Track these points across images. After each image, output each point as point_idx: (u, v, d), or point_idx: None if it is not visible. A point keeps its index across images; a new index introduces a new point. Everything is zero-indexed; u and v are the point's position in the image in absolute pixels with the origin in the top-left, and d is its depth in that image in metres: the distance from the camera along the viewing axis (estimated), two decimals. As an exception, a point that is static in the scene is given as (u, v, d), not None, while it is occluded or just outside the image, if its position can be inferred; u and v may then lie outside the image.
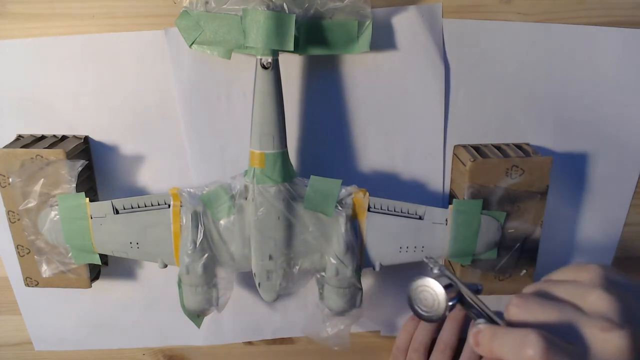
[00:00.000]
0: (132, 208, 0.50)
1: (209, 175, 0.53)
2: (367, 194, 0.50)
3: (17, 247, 0.52)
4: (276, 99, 0.45)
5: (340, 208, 0.49)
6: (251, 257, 0.50)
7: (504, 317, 0.36)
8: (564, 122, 0.53)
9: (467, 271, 0.53)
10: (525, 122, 0.53)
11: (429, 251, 0.51)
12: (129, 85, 0.51)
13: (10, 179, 0.49)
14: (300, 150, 0.53)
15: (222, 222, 0.49)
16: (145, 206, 0.50)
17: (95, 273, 0.56)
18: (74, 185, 0.49)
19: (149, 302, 0.60)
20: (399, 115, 0.52)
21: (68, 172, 0.49)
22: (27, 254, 0.53)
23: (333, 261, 0.49)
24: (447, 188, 0.55)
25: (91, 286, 0.54)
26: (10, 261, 0.57)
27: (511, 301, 0.35)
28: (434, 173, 0.55)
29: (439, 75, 0.51)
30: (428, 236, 0.50)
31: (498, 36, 0.50)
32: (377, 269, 0.51)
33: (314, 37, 0.47)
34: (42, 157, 0.49)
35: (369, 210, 0.50)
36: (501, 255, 0.52)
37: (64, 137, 0.52)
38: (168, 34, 0.49)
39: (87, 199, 0.49)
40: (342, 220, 0.49)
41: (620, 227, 0.58)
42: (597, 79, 0.52)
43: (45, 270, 0.53)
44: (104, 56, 0.50)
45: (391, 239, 0.50)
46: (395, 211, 0.50)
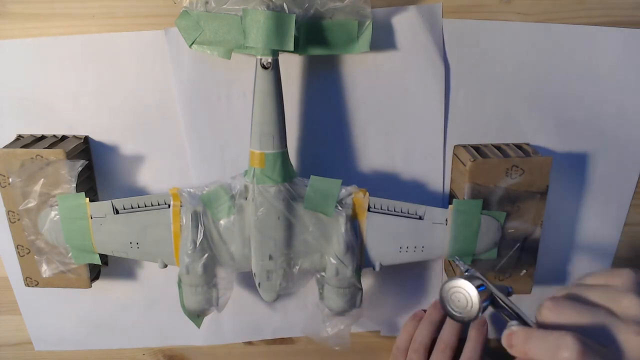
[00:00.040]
0: (132, 208, 0.50)
1: (209, 175, 0.53)
2: (367, 194, 0.49)
3: (17, 247, 0.53)
4: (276, 99, 0.45)
5: (340, 208, 0.49)
6: (251, 257, 0.50)
7: (536, 319, 0.36)
8: (564, 122, 0.53)
9: (467, 271, 0.53)
10: (525, 122, 0.53)
11: (429, 251, 0.51)
12: (129, 85, 0.51)
13: (10, 179, 0.49)
14: (300, 150, 0.53)
15: (222, 222, 0.49)
16: (145, 206, 0.50)
17: (95, 273, 0.56)
18: (74, 185, 0.49)
19: (149, 302, 0.60)
20: (399, 115, 0.52)
21: (68, 172, 0.49)
22: (27, 254, 0.53)
23: (333, 261, 0.49)
24: (447, 188, 0.55)
25: (91, 286, 0.54)
26: (10, 261, 0.57)
27: (544, 304, 0.35)
28: (434, 173, 0.55)
29: (439, 75, 0.51)
30: (428, 236, 0.50)
31: (498, 36, 0.50)
32: (377, 269, 0.51)
33: (314, 37, 0.47)
34: (42, 157, 0.49)
35: (369, 210, 0.50)
36: (501, 255, 0.52)
37: (64, 137, 0.52)
38: (168, 34, 0.49)
39: (87, 199, 0.49)
40: (342, 220, 0.49)
41: (620, 227, 0.58)
42: (597, 79, 0.52)
43: (45, 270, 0.53)
44: (104, 56, 0.50)
45: (391, 239, 0.50)
46: (395, 211, 0.50)
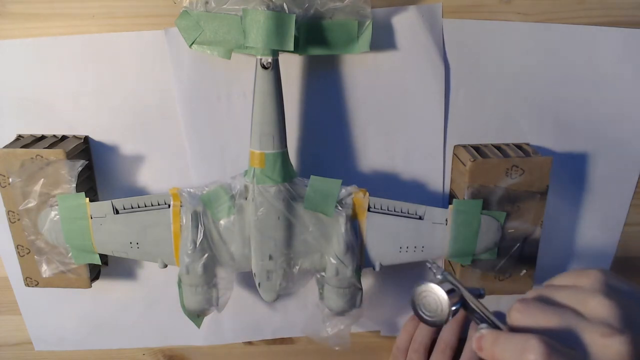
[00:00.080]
0: (132, 208, 0.50)
1: (209, 175, 0.53)
2: (367, 194, 0.49)
3: (17, 247, 0.52)
4: (276, 99, 0.45)
5: (340, 208, 0.49)
6: (251, 257, 0.50)
7: (506, 321, 0.36)
8: (563, 122, 0.53)
9: (467, 271, 0.53)
10: (525, 122, 0.53)
11: (429, 251, 0.51)
12: (129, 85, 0.51)
13: (10, 179, 0.49)
14: (300, 150, 0.53)
15: (222, 222, 0.49)
16: (145, 206, 0.50)
17: (95, 273, 0.56)
18: (74, 185, 0.49)
19: (149, 302, 0.60)
20: (399, 115, 0.52)
21: (68, 172, 0.49)
22: (27, 254, 0.53)
23: (333, 261, 0.49)
24: (447, 188, 0.55)
25: (91, 286, 0.54)
26: (10, 261, 0.57)
27: (513, 306, 0.35)
28: (434, 173, 0.55)
29: (439, 75, 0.51)
30: (428, 236, 0.50)
31: (498, 36, 0.50)
32: (377, 269, 0.51)
33: (314, 37, 0.47)
34: (42, 157, 0.49)
35: (369, 210, 0.50)
36: (501, 255, 0.52)
37: (64, 137, 0.52)
38: (168, 34, 0.49)
39: (87, 199, 0.49)
40: (342, 220, 0.49)
41: (620, 227, 0.58)
42: (597, 79, 0.52)
43: (45, 270, 0.53)
44: (104, 56, 0.50)
45: (391, 239, 0.50)
46: (395, 211, 0.50)
